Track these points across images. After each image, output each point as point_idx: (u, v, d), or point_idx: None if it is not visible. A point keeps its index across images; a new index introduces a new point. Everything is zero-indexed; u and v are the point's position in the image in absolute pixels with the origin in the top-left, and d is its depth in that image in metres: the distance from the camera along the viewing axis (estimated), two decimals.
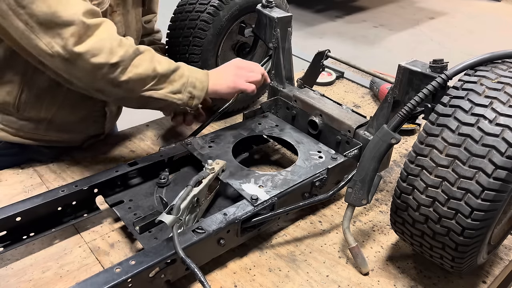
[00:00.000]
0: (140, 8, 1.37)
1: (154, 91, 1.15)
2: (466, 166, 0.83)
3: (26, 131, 1.30)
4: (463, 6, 6.48)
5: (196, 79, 1.21)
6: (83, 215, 1.14)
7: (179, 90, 1.18)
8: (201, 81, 1.22)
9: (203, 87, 1.23)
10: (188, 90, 1.20)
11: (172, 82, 1.17)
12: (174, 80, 1.17)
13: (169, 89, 1.17)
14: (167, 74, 1.16)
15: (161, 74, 1.14)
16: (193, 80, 1.21)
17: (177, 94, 1.19)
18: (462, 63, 0.96)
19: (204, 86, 1.23)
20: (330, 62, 2.16)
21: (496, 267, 1.13)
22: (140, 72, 1.10)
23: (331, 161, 1.26)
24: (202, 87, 1.23)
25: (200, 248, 0.99)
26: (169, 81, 1.17)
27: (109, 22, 1.09)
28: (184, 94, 1.20)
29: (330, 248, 1.16)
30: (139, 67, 1.10)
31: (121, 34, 1.26)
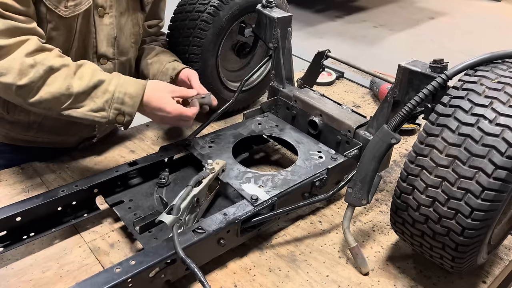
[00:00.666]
0: (139, 13, 1.35)
1: (73, 109, 1.09)
2: (466, 166, 0.83)
3: (18, 133, 1.31)
4: (463, 6, 6.48)
5: (125, 94, 1.12)
6: (83, 215, 1.14)
7: (101, 108, 1.10)
8: (132, 96, 1.12)
9: (134, 103, 1.13)
10: (115, 107, 1.11)
11: (93, 99, 1.10)
12: (95, 97, 1.10)
13: (90, 106, 1.10)
14: (86, 91, 1.09)
15: (77, 92, 1.07)
16: (121, 96, 1.11)
17: (99, 112, 1.11)
18: (462, 63, 0.96)
19: (135, 102, 1.13)
20: (330, 62, 2.16)
21: (496, 267, 1.13)
22: (52, 91, 1.05)
23: (331, 161, 1.26)
24: (132, 103, 1.13)
25: (200, 248, 0.99)
26: (90, 98, 1.10)
27: (30, 41, 1.05)
28: (109, 112, 1.11)
29: (330, 248, 1.16)
30: (51, 86, 1.05)
31: (112, 36, 1.26)
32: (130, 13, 1.31)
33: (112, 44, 1.27)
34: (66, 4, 1.12)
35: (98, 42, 1.24)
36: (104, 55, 1.26)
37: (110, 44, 1.26)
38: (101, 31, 1.23)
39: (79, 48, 1.21)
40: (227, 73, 1.71)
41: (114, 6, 1.24)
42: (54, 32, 1.14)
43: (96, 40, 1.23)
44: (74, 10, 1.14)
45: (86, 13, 1.17)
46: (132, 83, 1.15)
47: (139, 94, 1.14)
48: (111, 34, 1.25)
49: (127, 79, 1.15)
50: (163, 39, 1.58)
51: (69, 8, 1.13)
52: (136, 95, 1.13)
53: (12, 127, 1.30)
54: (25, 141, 1.34)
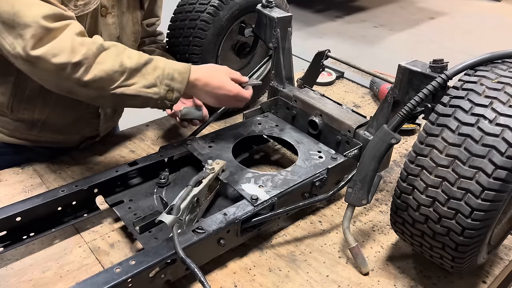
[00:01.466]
0: (138, 11, 1.36)
1: (126, 87, 1.09)
2: (466, 166, 0.83)
3: (21, 132, 1.31)
4: (463, 6, 6.48)
5: (174, 70, 1.14)
6: (83, 215, 1.14)
7: (153, 83, 1.11)
8: (180, 72, 1.14)
9: (183, 78, 1.14)
10: (165, 83, 1.13)
11: (144, 76, 1.11)
12: (147, 74, 1.11)
13: (142, 83, 1.10)
14: (138, 67, 1.10)
15: (130, 68, 1.08)
16: (170, 72, 1.13)
17: (152, 88, 1.11)
18: (462, 63, 0.96)
19: (184, 78, 1.15)
20: (330, 62, 2.16)
21: (496, 267, 1.13)
22: (106, 69, 1.05)
23: (331, 161, 1.26)
24: (181, 78, 1.14)
25: (200, 248, 0.99)
26: (141, 75, 1.10)
27: (74, 25, 1.05)
28: (161, 87, 1.12)
29: (330, 248, 1.16)
30: (104, 64, 1.05)
31: (115, 36, 1.26)
32: (131, 11, 1.31)
33: None
34: (76, 3, 1.12)
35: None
36: None
37: None
38: (105, 30, 1.23)
39: None
40: None
41: (116, 5, 1.24)
42: None
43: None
44: (84, 10, 1.14)
45: (94, 13, 1.17)
46: (177, 62, 1.17)
47: (187, 70, 1.16)
48: (114, 34, 1.26)
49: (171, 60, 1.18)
50: (162, 42, 1.58)
51: (79, 7, 1.13)
52: (184, 71, 1.15)
53: (16, 127, 1.29)
54: (28, 141, 1.34)
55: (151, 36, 1.56)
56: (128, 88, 1.09)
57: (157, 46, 1.53)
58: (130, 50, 1.13)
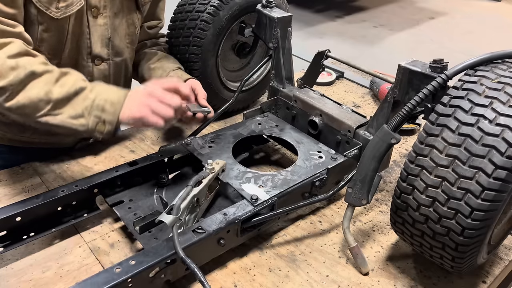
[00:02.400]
0: (135, 13, 1.34)
1: (51, 116, 1.05)
2: (466, 166, 0.83)
3: (14, 134, 1.31)
4: (463, 6, 6.48)
5: (106, 101, 1.08)
6: (83, 215, 1.14)
7: (80, 114, 1.06)
8: (113, 104, 1.08)
9: (115, 110, 1.08)
10: (95, 114, 1.07)
11: (73, 106, 1.06)
12: (75, 103, 1.06)
13: (68, 113, 1.06)
14: (66, 98, 1.05)
15: (56, 98, 1.04)
16: (101, 103, 1.07)
17: (78, 119, 1.07)
18: (462, 63, 0.96)
19: (116, 109, 1.08)
20: (330, 62, 2.16)
21: (496, 267, 1.13)
22: (31, 96, 1.02)
23: (331, 161, 1.26)
24: (113, 110, 1.08)
25: (200, 248, 0.99)
26: (69, 105, 1.06)
27: (13, 44, 1.03)
28: (89, 119, 1.07)
29: (330, 248, 1.16)
30: (30, 91, 1.03)
31: (106, 37, 1.26)
32: (125, 13, 1.30)
33: (106, 45, 1.27)
34: (57, 5, 1.11)
35: (92, 43, 1.23)
36: (99, 56, 1.26)
37: (105, 44, 1.26)
38: (95, 31, 1.22)
39: (72, 49, 1.21)
40: (227, 73, 1.71)
41: (108, 6, 1.23)
42: (45, 34, 1.14)
43: (90, 41, 1.23)
44: (66, 11, 1.13)
45: (79, 14, 1.16)
46: (114, 90, 1.12)
47: (121, 101, 1.10)
48: (105, 35, 1.25)
49: (110, 86, 1.13)
50: (164, 44, 1.58)
51: (60, 9, 1.12)
52: (117, 101, 1.09)
53: (9, 129, 1.30)
54: (22, 142, 1.34)
55: (153, 39, 1.56)
56: (54, 117, 1.06)
57: (159, 48, 1.53)
58: (68, 76, 1.08)
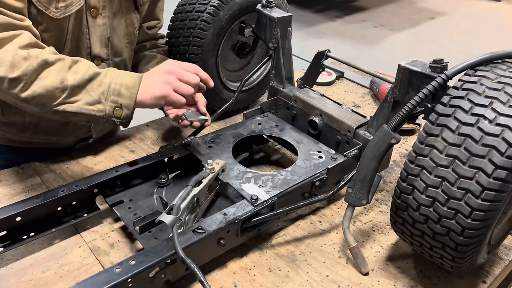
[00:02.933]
0: (134, 13, 1.34)
1: (67, 104, 1.04)
2: (466, 166, 0.83)
3: (14, 134, 1.31)
4: (463, 6, 6.48)
5: (121, 85, 1.07)
6: (83, 215, 1.14)
7: (97, 100, 1.06)
8: (129, 87, 1.07)
9: (131, 94, 1.07)
10: (111, 99, 1.06)
11: (89, 92, 1.05)
12: (91, 90, 1.05)
13: (85, 100, 1.05)
14: (81, 84, 1.04)
15: (71, 85, 1.03)
16: (117, 87, 1.07)
17: (95, 105, 1.06)
18: (462, 63, 0.96)
19: (132, 93, 1.08)
20: (330, 62, 2.16)
21: (496, 267, 1.13)
22: (46, 85, 1.01)
23: (331, 161, 1.26)
24: (130, 94, 1.07)
25: (200, 248, 0.99)
26: (85, 91, 1.05)
27: (23, 36, 1.02)
28: (106, 105, 1.06)
29: (330, 248, 1.16)
30: (44, 80, 1.02)
31: (105, 37, 1.25)
32: (124, 13, 1.30)
33: (105, 45, 1.27)
34: (57, 5, 1.11)
35: (92, 43, 1.23)
36: (98, 56, 1.26)
37: (104, 45, 1.26)
38: (94, 32, 1.22)
39: (72, 50, 1.21)
40: (227, 73, 1.71)
41: (107, 6, 1.23)
42: (45, 34, 1.14)
43: (90, 41, 1.23)
44: (65, 11, 1.13)
45: (78, 14, 1.16)
46: (128, 74, 1.11)
47: (136, 85, 1.09)
48: (104, 35, 1.25)
49: (123, 71, 1.13)
50: (163, 46, 1.57)
51: (60, 9, 1.12)
52: (133, 85, 1.08)
53: (8, 129, 1.30)
54: (22, 142, 1.34)
55: (152, 40, 1.56)
56: (70, 105, 1.05)
57: (159, 51, 1.52)
58: (80, 63, 1.08)
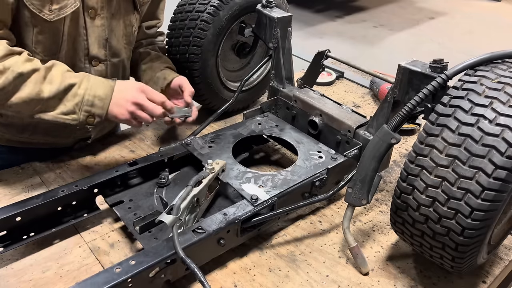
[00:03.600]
0: (132, 14, 1.34)
1: (44, 113, 1.11)
2: (466, 166, 0.83)
3: (13, 135, 1.31)
4: (463, 6, 6.48)
5: (94, 97, 1.13)
6: (83, 215, 1.14)
7: (72, 110, 1.12)
8: (101, 99, 1.14)
9: (104, 104, 1.14)
10: (85, 109, 1.13)
11: (64, 103, 1.11)
12: (66, 100, 1.12)
13: (60, 110, 1.12)
14: (57, 95, 1.10)
15: (47, 97, 1.09)
16: (90, 99, 1.13)
17: (70, 115, 1.12)
18: (462, 63, 0.96)
19: (105, 104, 1.14)
20: (330, 62, 2.16)
21: (496, 267, 1.13)
22: (23, 97, 1.07)
23: (331, 161, 1.26)
24: (102, 104, 1.14)
25: (200, 248, 0.99)
26: (61, 102, 1.11)
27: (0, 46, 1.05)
28: (80, 114, 1.13)
29: (330, 248, 1.16)
30: (22, 92, 1.07)
31: (103, 38, 1.25)
32: (122, 14, 1.30)
33: (103, 46, 1.27)
34: (50, 8, 1.11)
35: (90, 44, 1.23)
36: (96, 57, 1.26)
37: (102, 45, 1.26)
38: (92, 33, 1.22)
39: (68, 51, 1.20)
40: (227, 73, 1.71)
41: (106, 7, 1.23)
42: (40, 36, 1.14)
43: (87, 42, 1.23)
44: (59, 14, 1.13)
45: (74, 16, 1.16)
46: (101, 85, 1.15)
47: (108, 96, 1.15)
48: (102, 36, 1.25)
49: (96, 80, 1.16)
50: (160, 42, 1.57)
51: (54, 12, 1.12)
52: (105, 97, 1.14)
53: (7, 130, 1.30)
54: (21, 142, 1.35)
55: (150, 38, 1.56)
56: (46, 114, 1.11)
57: (154, 48, 1.52)
58: (54, 71, 1.11)
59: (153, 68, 1.43)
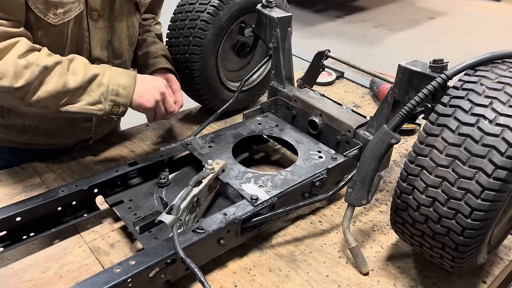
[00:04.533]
0: (134, 15, 1.34)
1: (70, 105, 1.11)
2: (466, 166, 0.83)
3: (14, 136, 1.31)
4: (463, 6, 6.48)
5: (118, 85, 1.15)
6: (83, 215, 1.14)
7: (98, 100, 1.13)
8: (125, 87, 1.16)
9: (128, 93, 1.16)
10: (110, 99, 1.14)
11: (89, 93, 1.13)
12: (91, 91, 1.13)
13: (86, 101, 1.13)
14: (82, 86, 1.11)
15: (73, 88, 1.10)
16: (115, 88, 1.14)
17: (96, 105, 1.14)
18: (462, 63, 0.96)
19: (129, 93, 1.16)
20: (330, 62, 2.16)
21: (496, 267, 1.13)
22: (50, 90, 1.07)
23: (331, 161, 1.26)
24: (126, 93, 1.16)
25: (200, 248, 0.99)
26: (86, 93, 1.12)
27: (21, 44, 1.05)
28: (106, 104, 1.14)
29: (330, 248, 1.16)
30: (48, 85, 1.07)
31: (106, 40, 1.26)
32: (125, 15, 1.30)
33: (106, 48, 1.27)
34: (55, 12, 1.11)
35: (92, 46, 1.23)
36: (99, 59, 1.26)
37: (105, 47, 1.26)
38: (95, 34, 1.22)
39: (72, 53, 1.20)
40: (227, 73, 1.71)
41: (108, 9, 1.23)
42: (44, 39, 1.14)
43: (90, 44, 1.23)
44: (64, 17, 1.13)
45: (78, 19, 1.16)
46: (124, 74, 1.18)
47: (132, 84, 1.17)
48: (105, 38, 1.25)
49: (118, 70, 1.18)
50: (156, 30, 1.57)
51: (59, 16, 1.12)
52: (129, 85, 1.17)
53: (8, 131, 1.30)
54: (22, 144, 1.34)
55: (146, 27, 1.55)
56: (73, 106, 1.12)
57: (150, 34, 1.52)
58: (76, 63, 1.13)
59: (150, 54, 1.43)
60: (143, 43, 1.47)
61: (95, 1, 1.18)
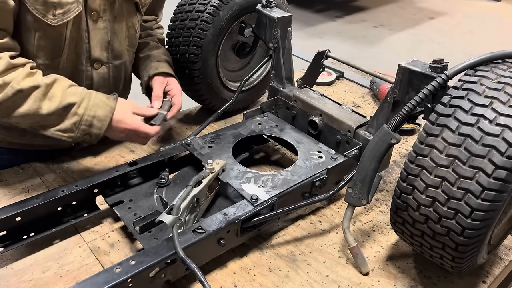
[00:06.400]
0: (135, 16, 1.34)
1: (41, 128, 1.13)
2: (466, 166, 0.83)
3: (14, 137, 1.31)
4: (463, 6, 6.48)
5: (93, 117, 1.13)
6: (83, 215, 1.14)
7: (70, 129, 1.13)
8: (100, 120, 1.14)
9: (102, 125, 1.14)
10: (82, 129, 1.14)
11: (62, 120, 1.12)
12: (65, 118, 1.12)
13: (58, 127, 1.13)
14: (56, 112, 1.11)
15: (45, 114, 1.10)
16: (89, 119, 1.13)
17: (67, 133, 1.14)
18: (462, 63, 0.96)
19: (103, 125, 1.14)
20: (330, 62, 2.16)
21: (496, 267, 1.13)
22: (22, 112, 1.08)
23: (331, 161, 1.26)
24: (100, 125, 1.14)
25: (200, 248, 0.99)
26: (59, 119, 1.12)
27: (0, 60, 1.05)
28: (77, 133, 1.14)
29: (330, 248, 1.16)
30: (21, 108, 1.08)
31: (106, 41, 1.25)
32: (125, 16, 1.30)
33: (106, 48, 1.26)
34: (54, 13, 1.11)
35: (92, 47, 1.23)
36: (98, 60, 1.26)
37: (104, 48, 1.26)
38: (95, 35, 1.22)
39: (70, 54, 1.20)
40: (227, 73, 1.71)
41: (108, 10, 1.23)
42: (43, 41, 1.14)
43: (89, 45, 1.22)
44: (63, 18, 1.13)
45: (77, 19, 1.16)
46: (101, 106, 1.15)
47: (108, 117, 1.15)
48: (105, 39, 1.25)
49: (97, 100, 1.15)
50: (158, 34, 1.57)
51: (57, 16, 1.12)
52: (104, 118, 1.15)
53: (8, 133, 1.31)
54: (22, 145, 1.35)
55: (147, 30, 1.55)
56: (44, 129, 1.13)
57: (152, 39, 1.52)
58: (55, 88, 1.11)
59: (151, 58, 1.43)
60: (145, 46, 1.47)
61: (94, 2, 1.18)
